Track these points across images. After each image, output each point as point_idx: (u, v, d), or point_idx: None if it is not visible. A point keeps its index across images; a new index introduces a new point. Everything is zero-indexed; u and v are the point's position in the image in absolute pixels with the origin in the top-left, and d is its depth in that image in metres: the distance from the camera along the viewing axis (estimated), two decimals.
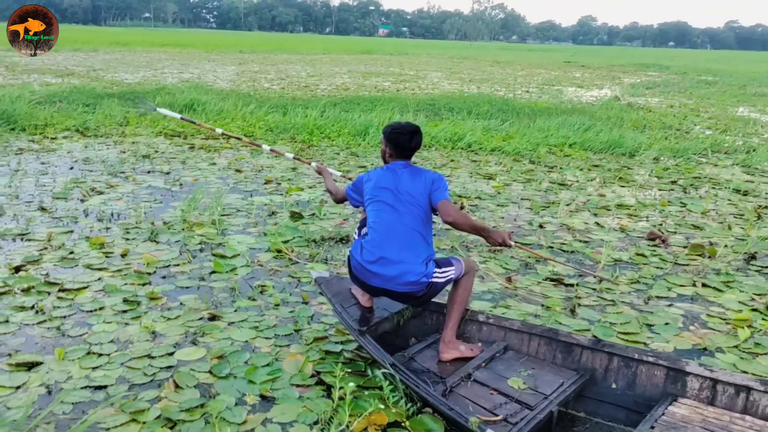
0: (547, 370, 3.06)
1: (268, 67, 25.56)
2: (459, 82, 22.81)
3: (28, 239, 4.72)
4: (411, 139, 3.20)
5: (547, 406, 2.77)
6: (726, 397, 2.69)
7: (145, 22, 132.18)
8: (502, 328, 3.32)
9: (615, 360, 2.96)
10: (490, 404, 2.81)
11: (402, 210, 3.10)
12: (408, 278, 3.03)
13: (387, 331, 3.39)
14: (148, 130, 9.37)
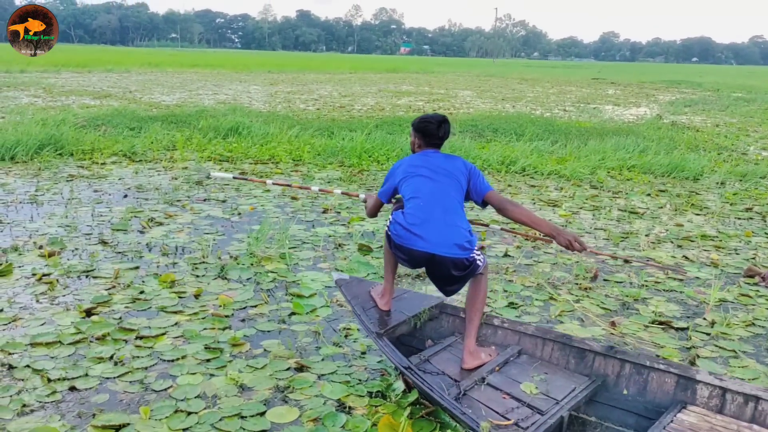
0: (559, 375, 3.08)
1: (300, 88, 25.54)
2: (492, 101, 22.52)
3: (94, 276, 4.49)
4: (439, 127, 3.21)
5: (558, 411, 2.80)
6: (735, 406, 2.70)
7: (171, 43, 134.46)
8: (516, 332, 3.35)
9: (627, 366, 3.00)
10: (503, 409, 2.83)
11: (440, 180, 3.08)
12: (456, 240, 2.95)
13: (404, 333, 3.44)
14: (196, 155, 9.20)
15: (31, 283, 4.31)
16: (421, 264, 3.13)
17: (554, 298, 4.41)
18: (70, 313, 3.88)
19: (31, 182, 7.14)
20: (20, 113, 12.49)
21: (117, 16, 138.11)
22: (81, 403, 2.96)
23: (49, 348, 3.45)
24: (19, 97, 16.94)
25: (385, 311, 3.44)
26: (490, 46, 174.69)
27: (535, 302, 4.33)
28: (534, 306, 4.26)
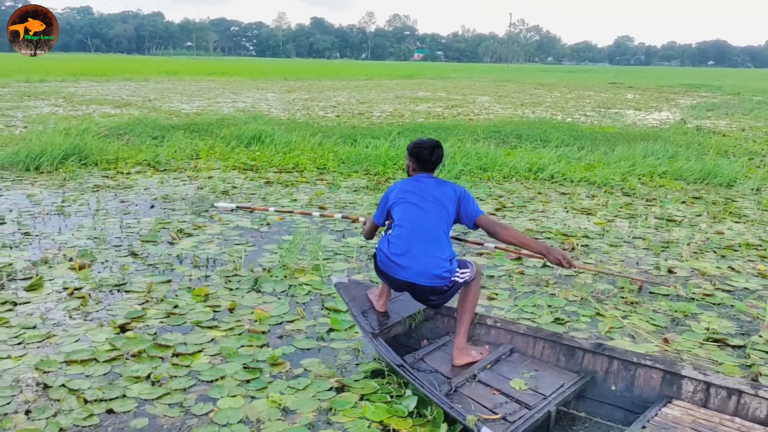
0: (549, 372, 3.18)
1: (317, 95, 25.51)
2: (511, 107, 22.33)
3: (126, 290, 4.39)
4: (432, 153, 3.34)
5: (546, 406, 2.88)
6: (718, 400, 2.78)
7: (187, 51, 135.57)
8: (509, 331, 3.45)
9: (615, 363, 3.07)
10: (492, 404, 2.93)
11: (427, 209, 3.23)
12: (434, 271, 3.14)
13: (399, 333, 3.58)
14: (220, 163, 9.12)
15: (62, 297, 4.22)
16: (402, 289, 3.32)
17: (601, 313, 4.24)
18: (104, 329, 3.78)
19: (57, 193, 7.09)
20: (42, 123, 12.53)
21: (133, 26, 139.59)
22: (120, 428, 2.84)
23: (85, 366, 3.35)
24: (40, 106, 17.03)
25: (382, 312, 3.62)
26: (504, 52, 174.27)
27: (582, 318, 4.16)
28: (581, 322, 4.09)
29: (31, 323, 3.80)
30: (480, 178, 8.70)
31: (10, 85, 25.37)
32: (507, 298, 4.45)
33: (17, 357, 3.39)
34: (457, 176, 8.69)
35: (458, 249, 4.48)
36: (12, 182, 7.57)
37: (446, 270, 3.16)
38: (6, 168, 8.23)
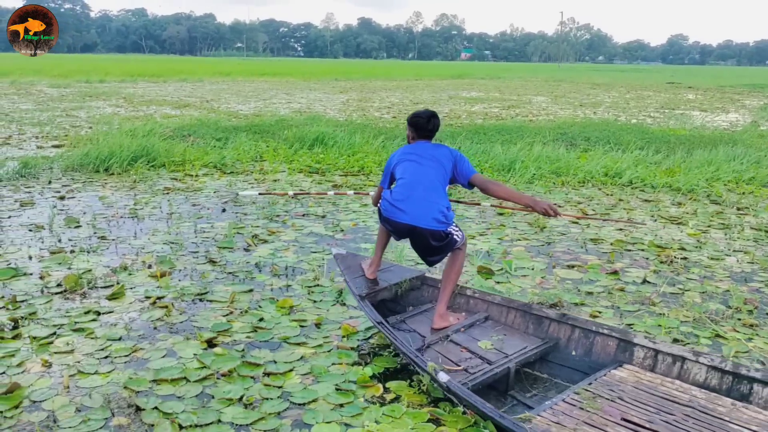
0: (516, 337, 3.50)
1: (369, 95, 25.36)
2: (570, 107, 21.70)
3: (209, 300, 4.23)
4: (428, 121, 3.69)
5: (506, 364, 3.18)
6: (664, 365, 3.07)
7: (237, 52, 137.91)
8: (485, 301, 3.80)
9: (576, 331, 3.38)
10: (458, 358, 3.26)
11: (426, 164, 3.54)
12: (433, 215, 3.43)
13: (386, 298, 3.92)
14: (285, 166, 8.99)
15: (145, 307, 4.08)
16: (405, 234, 3.60)
17: (721, 335, 3.85)
18: (191, 344, 3.61)
19: (129, 195, 7.05)
20: (107, 123, 12.69)
21: (186, 27, 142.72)
22: None
23: (175, 386, 3.17)
24: (102, 107, 17.35)
25: (371, 279, 3.96)
26: (554, 51, 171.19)
27: (702, 340, 3.78)
28: (701, 345, 3.72)
29: (116, 334, 3.66)
30: (554, 183, 8.31)
31: (72, 85, 26.07)
32: (612, 316, 4.11)
33: (105, 373, 3.24)
34: (530, 181, 8.33)
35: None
36: (83, 184, 7.58)
37: (444, 215, 3.47)
38: (76, 169, 8.27)
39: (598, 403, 2.82)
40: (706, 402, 2.81)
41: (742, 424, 2.64)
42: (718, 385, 2.94)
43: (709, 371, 2.98)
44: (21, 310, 3.93)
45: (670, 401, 2.82)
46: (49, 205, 6.46)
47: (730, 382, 2.92)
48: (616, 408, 2.79)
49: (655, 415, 2.72)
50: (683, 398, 2.84)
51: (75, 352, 3.43)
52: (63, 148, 9.90)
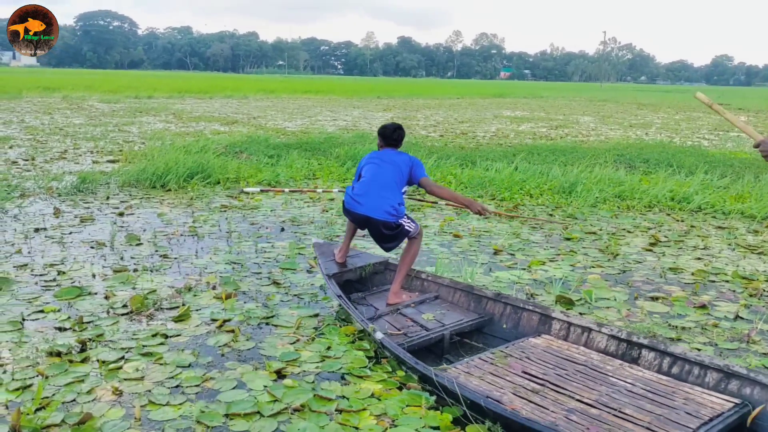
0: (457, 312, 4.05)
1: (413, 113, 25.26)
2: (619, 128, 21.21)
3: (274, 324, 4.05)
4: (393, 132, 4.40)
5: (442, 331, 3.72)
6: (575, 335, 3.60)
7: (278, 69, 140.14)
8: (436, 283, 4.42)
9: (508, 308, 3.95)
10: (401, 326, 3.83)
11: (385, 167, 4.21)
12: (385, 208, 4.07)
13: (351, 279, 4.56)
14: (338, 185, 8.86)
15: (212, 331, 3.93)
16: (362, 223, 4.23)
17: None
18: (260, 374, 3.42)
19: (187, 212, 6.98)
20: (159, 139, 12.81)
21: (229, 45, 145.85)
22: None
23: (249, 421, 2.98)
24: (152, 122, 17.61)
25: (340, 263, 4.63)
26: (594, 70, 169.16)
27: None
28: None
29: (185, 361, 3.51)
30: (618, 207, 7.96)
31: (122, 101, 26.66)
32: (712, 354, 3.78)
33: (177, 405, 3.08)
34: (593, 205, 8.01)
35: None
36: (141, 200, 7.56)
37: (395, 209, 4.10)
38: (133, 185, 8.28)
39: (507, 360, 3.37)
40: (599, 362, 3.36)
41: (619, 377, 3.20)
42: (615, 350, 3.49)
43: (608, 339, 3.53)
44: (88, 331, 3.81)
45: (569, 361, 3.36)
46: (109, 222, 6.43)
47: (624, 347, 3.47)
48: (520, 364, 3.32)
49: (550, 370, 3.26)
50: (580, 359, 3.39)
51: (145, 379, 3.28)
52: (118, 164, 9.98)
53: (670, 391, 3.07)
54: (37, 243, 5.61)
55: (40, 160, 10.23)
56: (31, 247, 5.49)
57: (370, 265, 4.70)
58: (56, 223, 6.34)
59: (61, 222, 6.38)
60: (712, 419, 2.84)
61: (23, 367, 3.32)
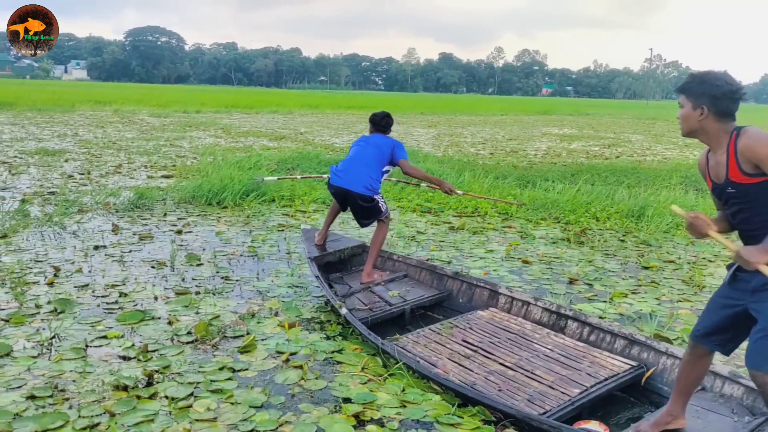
0: (420, 288, 4.65)
1: (459, 130, 24.96)
2: (675, 147, 20.52)
3: (339, 361, 3.75)
4: (381, 119, 5.01)
5: (403, 306, 4.38)
6: (516, 308, 4.26)
7: (320, 85, 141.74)
8: (405, 263, 5.01)
9: (464, 284, 4.59)
10: (369, 302, 4.40)
11: (368, 148, 4.83)
12: (363, 182, 4.68)
13: (331, 261, 5.07)
14: (393, 203, 8.60)
15: (279, 365, 3.67)
16: (342, 196, 4.79)
17: None
18: (337, 418, 3.14)
19: (244, 231, 6.81)
20: (211, 154, 12.81)
21: (273, 61, 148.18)
22: None
23: None
24: (202, 137, 17.71)
25: (320, 246, 5.22)
26: (639, 88, 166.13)
27: None
28: None
29: (257, 400, 3.25)
30: None
31: (171, 115, 27.07)
32: None
33: None
34: (665, 230, 7.55)
35: None
36: (198, 217, 7.43)
37: (371, 185, 4.68)
38: (189, 201, 8.17)
39: (452, 330, 3.92)
40: (530, 331, 3.88)
41: (543, 344, 3.70)
42: (547, 321, 4.01)
43: (543, 312, 4.08)
44: (153, 362, 3.61)
45: (505, 330, 3.90)
46: (167, 240, 6.30)
47: (555, 318, 4.00)
48: (462, 334, 3.87)
49: (486, 338, 3.79)
50: (515, 329, 3.91)
51: (218, 421, 3.04)
52: (173, 179, 9.94)
53: (581, 356, 3.61)
54: (97, 261, 5.49)
55: (95, 174, 10.26)
56: (92, 265, 5.36)
57: (348, 248, 5.29)
58: (115, 240, 6.23)
59: (120, 239, 6.27)
60: (608, 378, 3.35)
61: (89, 402, 3.12)
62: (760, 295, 2.50)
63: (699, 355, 2.80)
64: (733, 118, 2.52)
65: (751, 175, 2.40)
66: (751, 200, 2.46)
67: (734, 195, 2.49)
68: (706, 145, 2.59)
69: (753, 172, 2.39)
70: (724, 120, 2.50)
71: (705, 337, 2.75)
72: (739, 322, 2.64)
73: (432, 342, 3.80)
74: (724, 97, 2.47)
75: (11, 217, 6.84)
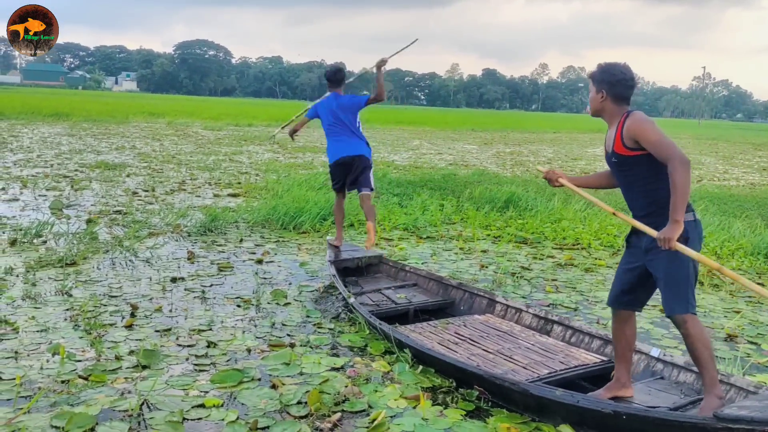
0: (426, 296, 5.06)
1: (517, 148, 24.05)
2: (753, 171, 19.24)
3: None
4: (336, 74, 5.80)
5: (408, 306, 4.76)
6: (510, 314, 4.52)
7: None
8: (416, 274, 5.42)
9: (466, 294, 4.90)
10: (378, 300, 4.86)
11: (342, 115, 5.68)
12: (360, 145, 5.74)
13: (349, 267, 5.53)
14: (481, 231, 7.81)
15: None
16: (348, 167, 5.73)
17: None
18: None
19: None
20: (273, 171, 12.26)
21: (317, 75, 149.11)
22: None
23: None
24: (259, 152, 17.25)
25: (336, 246, 5.82)
26: (687, 106, 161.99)
27: None
28: None
29: None
30: None
31: (223, 128, 26.87)
32: None
33: None
34: None
35: None
36: (276, 244, 6.78)
37: (364, 148, 5.74)
38: (264, 225, 7.55)
39: (447, 326, 4.31)
40: (518, 332, 4.22)
41: (526, 341, 4.07)
42: (536, 325, 4.31)
43: (532, 317, 4.38)
44: None
45: (494, 329, 4.25)
46: (248, 271, 5.65)
47: (542, 323, 4.29)
48: (456, 329, 4.26)
49: (476, 333, 4.19)
50: (504, 329, 4.26)
51: None
52: (240, 198, 9.37)
53: (558, 350, 3.91)
54: (177, 298, 4.85)
55: (160, 191, 9.76)
56: (171, 303, 4.72)
57: (366, 257, 5.65)
58: (192, 270, 5.60)
59: (197, 269, 5.64)
60: (577, 366, 3.66)
61: None
62: (651, 252, 2.98)
63: (622, 320, 3.27)
64: (627, 103, 3.07)
65: (631, 149, 2.96)
66: (627, 169, 3.03)
67: (617, 164, 3.06)
68: (607, 123, 3.13)
69: (632, 146, 2.95)
70: (619, 103, 3.06)
71: (617, 300, 3.25)
72: (641, 280, 3.15)
73: (427, 332, 4.23)
74: (619, 84, 3.03)
75: (79, 240, 6.29)
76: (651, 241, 2.90)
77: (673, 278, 2.93)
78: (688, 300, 2.94)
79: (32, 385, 3.32)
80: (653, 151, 2.87)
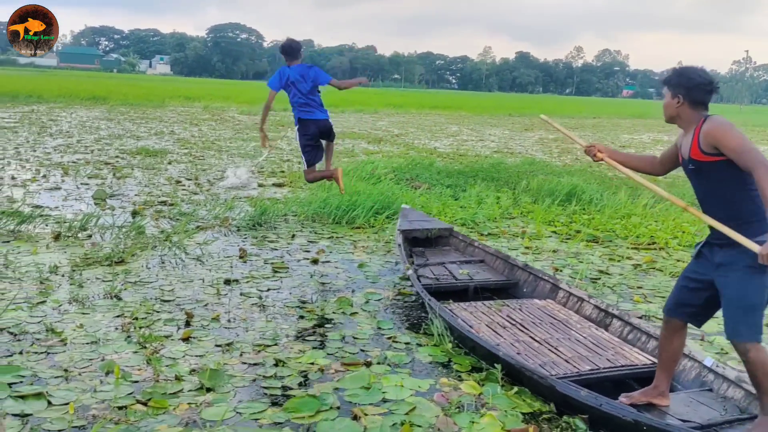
0: (490, 273, 5.02)
1: (557, 134, 23.24)
2: None
3: None
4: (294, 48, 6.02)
5: (469, 283, 4.75)
6: (571, 302, 4.39)
7: (393, 83, 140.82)
8: (484, 251, 5.41)
9: (531, 276, 4.82)
10: (439, 274, 4.88)
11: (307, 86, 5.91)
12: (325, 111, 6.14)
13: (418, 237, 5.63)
14: (545, 228, 7.30)
15: None
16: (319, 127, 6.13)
17: None
18: None
19: (389, 263, 5.64)
20: None
21: (348, 58, 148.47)
22: None
23: None
24: None
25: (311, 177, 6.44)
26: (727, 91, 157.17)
27: None
28: None
29: None
30: None
31: (260, 113, 26.50)
32: None
33: None
34: None
35: None
36: (329, 240, 6.38)
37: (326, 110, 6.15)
38: (314, 219, 7.15)
39: (502, 308, 4.29)
40: (574, 322, 4.09)
41: (579, 332, 3.92)
42: (596, 317, 4.17)
43: (593, 308, 4.24)
44: None
45: (550, 316, 4.17)
46: (304, 272, 5.25)
47: (602, 316, 4.15)
48: (509, 311, 4.22)
49: (528, 318, 4.12)
50: (561, 317, 4.16)
51: None
52: (285, 188, 8.99)
53: (610, 346, 3.75)
54: (234, 304, 4.46)
55: (203, 179, 9.44)
56: (228, 311, 4.33)
57: (436, 229, 5.71)
58: (246, 270, 5.21)
59: (251, 269, 5.26)
60: (624, 366, 3.52)
61: None
62: (723, 268, 2.77)
63: (672, 329, 3.09)
64: (705, 107, 2.87)
65: (708, 154, 2.75)
66: (705, 177, 2.82)
67: (694, 171, 2.86)
68: (682, 129, 2.93)
69: (710, 152, 2.74)
70: (697, 108, 2.86)
71: (674, 310, 3.06)
72: (706, 295, 2.93)
73: (479, 312, 4.19)
74: (697, 88, 2.83)
75: (126, 235, 5.96)
76: (725, 257, 2.75)
77: (746, 301, 2.72)
78: (757, 327, 2.72)
79: (85, 412, 2.95)
80: (734, 158, 2.65)
